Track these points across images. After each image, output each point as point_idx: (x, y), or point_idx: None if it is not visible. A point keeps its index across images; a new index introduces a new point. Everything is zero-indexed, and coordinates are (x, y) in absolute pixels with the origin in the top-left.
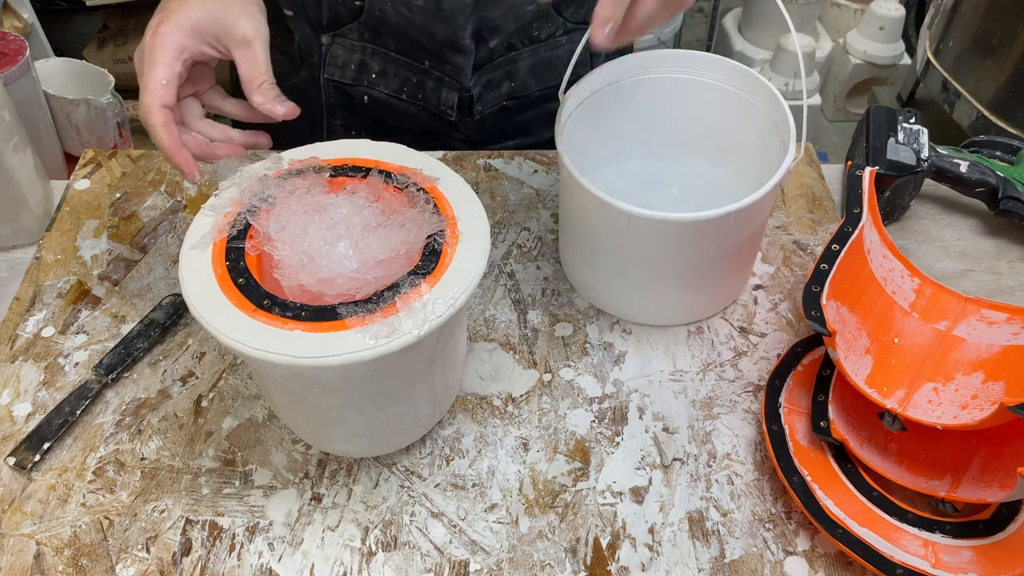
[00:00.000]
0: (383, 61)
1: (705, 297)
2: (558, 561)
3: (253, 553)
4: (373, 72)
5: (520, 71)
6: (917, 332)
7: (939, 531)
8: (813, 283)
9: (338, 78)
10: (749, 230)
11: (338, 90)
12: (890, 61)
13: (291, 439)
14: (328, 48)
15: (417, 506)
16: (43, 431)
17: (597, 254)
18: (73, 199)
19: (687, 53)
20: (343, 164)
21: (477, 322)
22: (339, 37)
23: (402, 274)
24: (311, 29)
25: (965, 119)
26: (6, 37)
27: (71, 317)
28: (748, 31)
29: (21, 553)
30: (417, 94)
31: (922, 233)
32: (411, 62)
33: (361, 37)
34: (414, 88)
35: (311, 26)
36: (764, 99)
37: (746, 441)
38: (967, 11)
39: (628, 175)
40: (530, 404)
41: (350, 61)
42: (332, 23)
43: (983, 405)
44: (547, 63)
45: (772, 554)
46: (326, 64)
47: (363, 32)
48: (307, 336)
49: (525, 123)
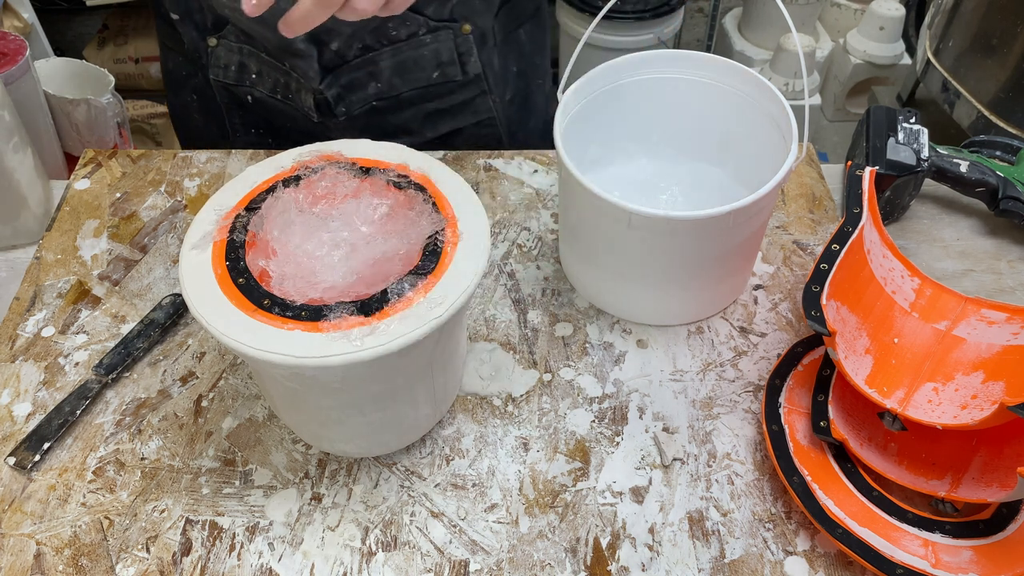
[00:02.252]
0: (258, 62)
1: (705, 297)
2: (558, 561)
3: (253, 553)
4: (252, 73)
5: (383, 72)
6: (917, 332)
7: (939, 531)
8: (813, 283)
9: (223, 79)
10: (750, 230)
11: (226, 90)
12: (890, 61)
13: (291, 439)
14: (213, 50)
15: (417, 506)
16: (43, 431)
17: (597, 254)
18: (73, 199)
19: (687, 53)
20: (343, 164)
21: (477, 322)
22: (222, 39)
23: (402, 274)
24: (197, 32)
25: (965, 119)
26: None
27: (71, 317)
28: (748, 31)
29: (21, 553)
30: (287, 95)
31: (922, 233)
32: (276, 63)
33: (238, 38)
34: (283, 89)
35: (197, 29)
36: (765, 99)
37: (746, 441)
38: (967, 11)
39: (628, 175)
40: (530, 404)
41: (231, 63)
42: (215, 25)
43: (983, 405)
44: (412, 63)
45: (772, 554)
46: (211, 65)
47: (238, 33)
48: (307, 336)
49: (402, 123)
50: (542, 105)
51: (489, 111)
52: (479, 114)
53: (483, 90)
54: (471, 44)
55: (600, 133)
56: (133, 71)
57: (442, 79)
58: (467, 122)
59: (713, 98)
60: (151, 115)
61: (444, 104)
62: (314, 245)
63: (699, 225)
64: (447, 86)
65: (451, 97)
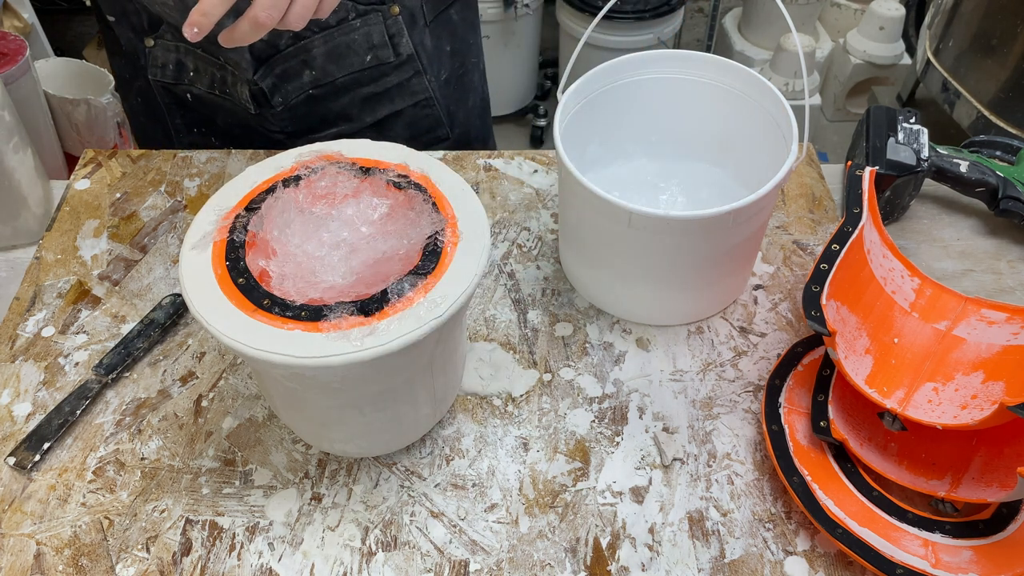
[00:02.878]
0: (195, 59)
1: (705, 297)
2: (558, 561)
3: (253, 553)
4: (190, 70)
5: (316, 59)
6: (917, 332)
7: (939, 531)
8: (813, 283)
9: (162, 79)
10: (750, 230)
11: (166, 90)
12: (890, 61)
13: (291, 439)
14: (151, 50)
15: (417, 506)
16: (43, 431)
17: (597, 254)
18: (73, 199)
19: (687, 53)
20: (343, 164)
21: (477, 322)
22: (159, 39)
23: (402, 274)
24: (134, 33)
25: (965, 119)
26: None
27: (71, 317)
28: (748, 31)
29: (21, 553)
30: (224, 89)
31: (922, 233)
32: (211, 58)
33: (175, 37)
34: (220, 84)
35: (133, 30)
36: (765, 99)
37: (746, 441)
38: (967, 11)
39: (628, 175)
40: (530, 404)
41: (168, 62)
42: (151, 25)
43: (983, 405)
44: (344, 47)
45: (772, 554)
46: (150, 66)
47: (174, 32)
48: (307, 336)
49: (340, 110)
50: (478, 84)
51: (425, 91)
52: (416, 95)
53: (417, 70)
54: (401, 25)
55: (600, 133)
56: None
57: (375, 62)
58: (405, 104)
59: (713, 98)
60: None
61: (379, 87)
62: (314, 245)
63: (699, 225)
64: (380, 69)
65: (386, 80)
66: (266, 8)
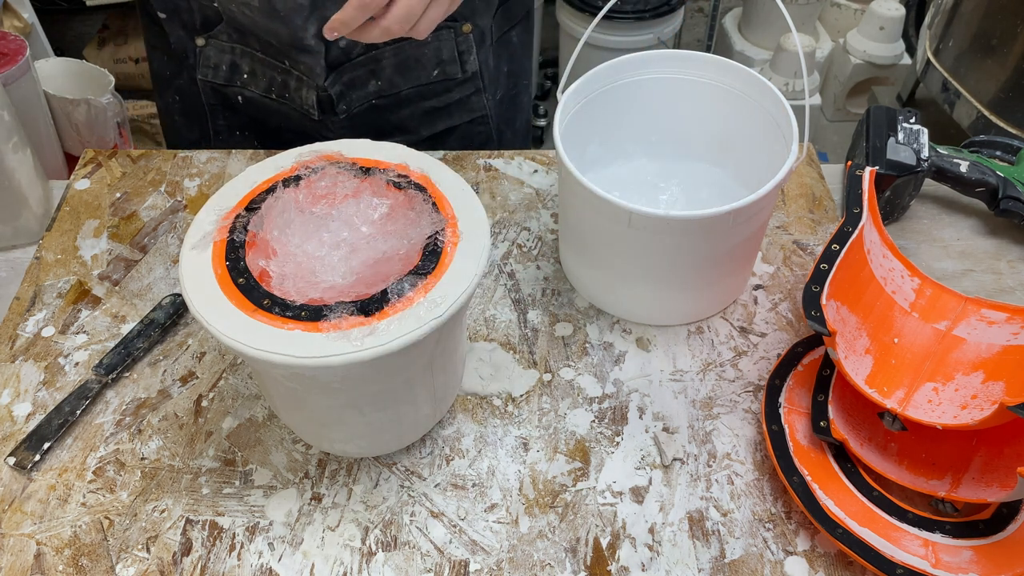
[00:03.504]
0: (252, 61)
1: (705, 297)
2: (558, 561)
3: (253, 553)
4: (244, 72)
5: (385, 70)
6: (917, 332)
7: (939, 531)
8: (813, 283)
9: (212, 79)
10: (750, 230)
11: (215, 91)
12: (890, 61)
13: (291, 439)
14: (202, 50)
15: (417, 506)
16: (43, 431)
17: (597, 254)
18: (73, 199)
19: (687, 53)
20: (343, 164)
21: (477, 322)
22: (212, 39)
23: (402, 274)
24: (184, 31)
25: (965, 119)
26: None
27: (71, 317)
28: (748, 31)
29: (21, 553)
30: (284, 94)
31: (922, 233)
32: (274, 62)
33: (230, 38)
34: (280, 88)
35: (184, 28)
36: (765, 99)
37: (746, 441)
38: (967, 11)
39: (628, 175)
40: (530, 404)
41: (221, 62)
42: (204, 25)
43: (983, 405)
44: (413, 61)
45: (772, 554)
46: (200, 66)
47: (231, 33)
48: (307, 336)
49: (399, 121)
50: (526, 105)
51: (483, 109)
52: (473, 112)
53: (478, 88)
54: (471, 43)
55: (600, 133)
56: (133, 71)
57: (441, 77)
58: (462, 120)
59: (713, 98)
60: (151, 115)
61: (441, 102)
62: (314, 245)
63: (699, 225)
64: (445, 84)
65: (448, 95)
66: (399, 21)
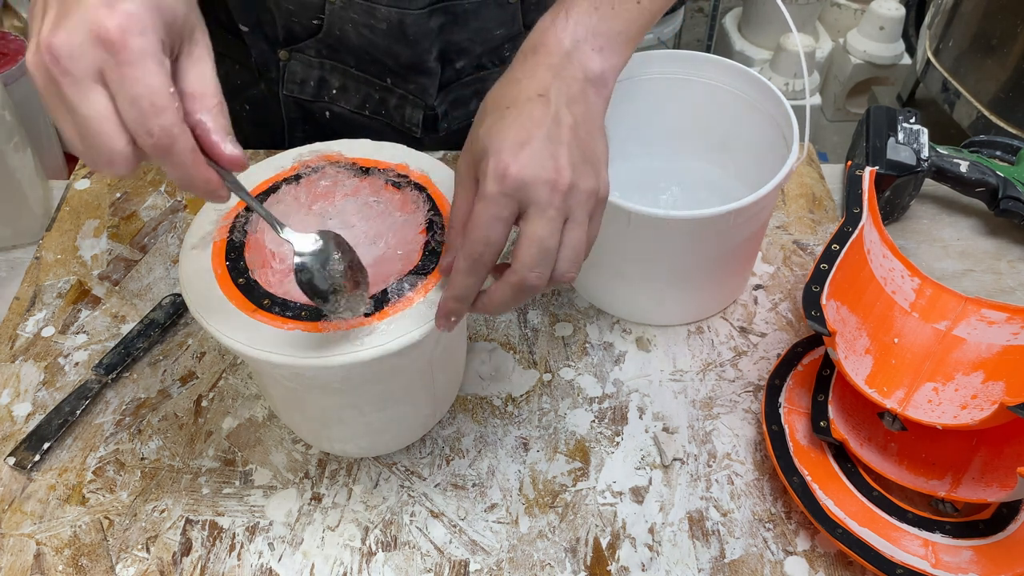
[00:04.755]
0: (343, 77)
1: (705, 297)
2: (558, 561)
3: (253, 553)
4: (333, 88)
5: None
6: (917, 332)
7: (939, 531)
8: (813, 283)
9: (297, 94)
10: (750, 230)
11: (298, 105)
12: (890, 61)
13: (291, 439)
14: (286, 64)
15: (417, 506)
16: (43, 431)
17: (597, 254)
18: (73, 199)
19: (687, 53)
20: (343, 164)
21: (477, 322)
22: (297, 53)
23: (402, 274)
24: (267, 44)
25: (965, 119)
26: (6, 37)
27: (71, 317)
28: (748, 31)
29: (21, 553)
30: (380, 110)
31: (922, 233)
32: (372, 79)
33: (319, 53)
34: (376, 105)
35: (267, 41)
36: (765, 99)
37: (746, 441)
38: (967, 11)
39: (628, 175)
40: (530, 404)
41: (309, 78)
42: (288, 39)
43: (983, 405)
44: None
45: (772, 554)
46: (284, 80)
47: (321, 49)
48: (307, 336)
49: None
50: None
51: None
52: None
53: None
54: None
55: None
56: None
57: None
58: None
59: (713, 98)
60: None
61: None
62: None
63: (699, 225)
64: None
65: None
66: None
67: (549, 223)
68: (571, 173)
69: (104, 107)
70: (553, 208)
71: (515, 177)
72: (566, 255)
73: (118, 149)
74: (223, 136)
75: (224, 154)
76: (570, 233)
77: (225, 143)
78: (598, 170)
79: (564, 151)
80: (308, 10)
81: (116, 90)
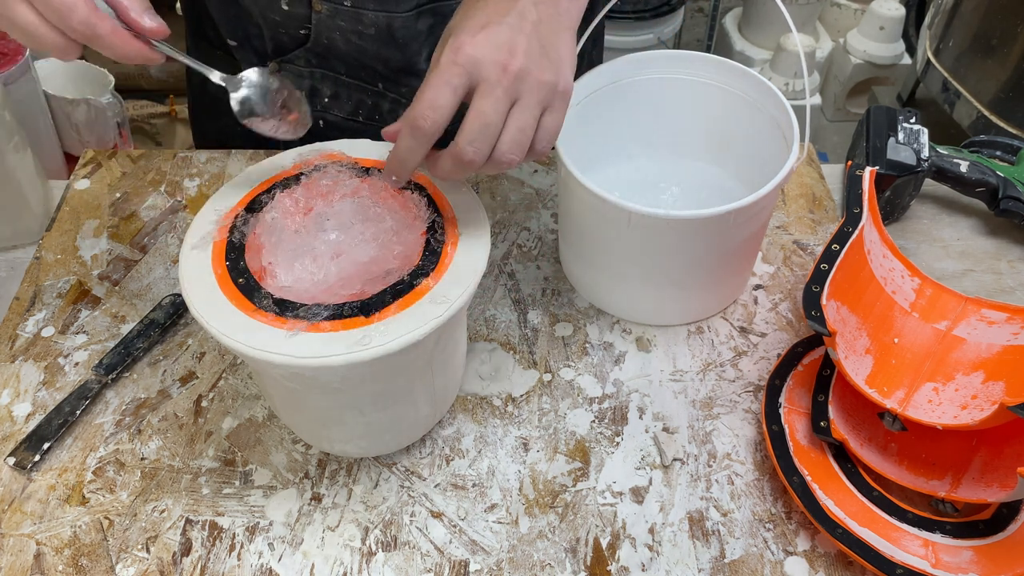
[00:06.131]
0: (334, 85)
1: (705, 297)
2: (558, 561)
3: (253, 553)
4: (325, 97)
5: None
6: (917, 332)
7: (939, 531)
8: (813, 283)
9: None
10: (750, 230)
11: None
12: (890, 61)
13: (291, 439)
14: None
15: (417, 506)
16: (43, 431)
17: (597, 254)
18: (73, 199)
19: (687, 53)
20: (344, 164)
21: (477, 322)
22: (286, 64)
23: (402, 274)
24: (257, 57)
25: (965, 119)
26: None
27: (71, 317)
28: (748, 31)
29: (21, 553)
30: (374, 116)
31: (922, 233)
32: (363, 85)
33: (309, 63)
34: (369, 110)
35: (256, 54)
36: (765, 99)
37: (746, 441)
38: (967, 11)
39: (628, 175)
40: (530, 404)
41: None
42: (277, 50)
43: (983, 405)
44: None
45: (772, 554)
46: None
47: (310, 58)
48: (307, 336)
49: None
50: None
51: None
52: None
53: None
54: None
55: (600, 133)
56: (133, 71)
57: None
58: None
59: (713, 98)
60: (151, 115)
61: None
62: (314, 245)
63: (699, 225)
64: None
65: None
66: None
67: (495, 102)
68: (524, 59)
69: (32, 17)
70: (501, 88)
71: (469, 54)
72: (509, 136)
73: (57, 45)
74: (140, 13)
75: (144, 27)
76: (516, 116)
77: (143, 18)
78: (558, 67)
79: (522, 39)
80: (295, 20)
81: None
